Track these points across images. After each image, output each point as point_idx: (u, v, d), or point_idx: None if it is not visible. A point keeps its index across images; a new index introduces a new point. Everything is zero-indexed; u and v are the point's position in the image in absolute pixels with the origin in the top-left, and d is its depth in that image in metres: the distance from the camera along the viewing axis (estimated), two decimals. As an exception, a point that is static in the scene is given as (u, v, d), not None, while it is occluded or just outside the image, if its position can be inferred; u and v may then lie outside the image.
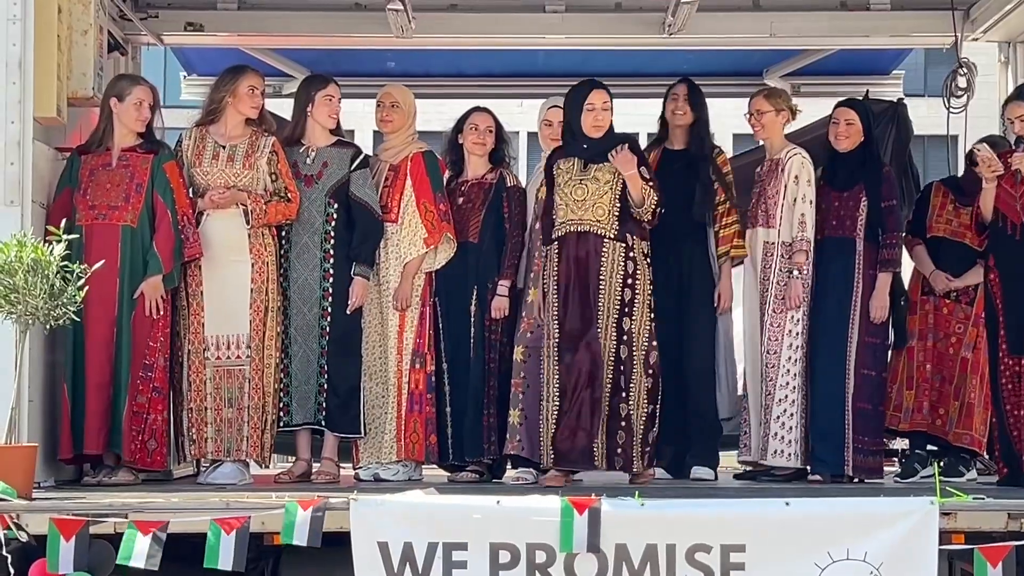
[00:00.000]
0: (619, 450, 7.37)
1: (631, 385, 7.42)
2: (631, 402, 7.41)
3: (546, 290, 7.54)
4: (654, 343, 7.52)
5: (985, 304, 7.91)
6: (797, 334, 8.06)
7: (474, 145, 8.19)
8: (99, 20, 7.93)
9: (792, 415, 8.03)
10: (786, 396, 8.04)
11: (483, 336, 8.01)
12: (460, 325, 8.07)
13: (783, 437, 8.03)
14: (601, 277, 7.42)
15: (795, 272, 8.07)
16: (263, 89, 7.97)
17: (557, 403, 7.39)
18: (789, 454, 8.02)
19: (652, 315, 7.53)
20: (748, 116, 8.33)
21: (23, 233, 6.58)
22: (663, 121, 8.49)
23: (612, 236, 7.45)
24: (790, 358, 8.06)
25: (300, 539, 5.89)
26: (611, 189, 7.47)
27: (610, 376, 7.38)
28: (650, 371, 7.48)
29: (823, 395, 8.05)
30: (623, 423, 7.38)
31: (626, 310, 7.44)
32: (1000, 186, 7.74)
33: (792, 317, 8.05)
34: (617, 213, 7.46)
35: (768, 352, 8.08)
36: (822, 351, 8.06)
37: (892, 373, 8.50)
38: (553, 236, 7.54)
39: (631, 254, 7.47)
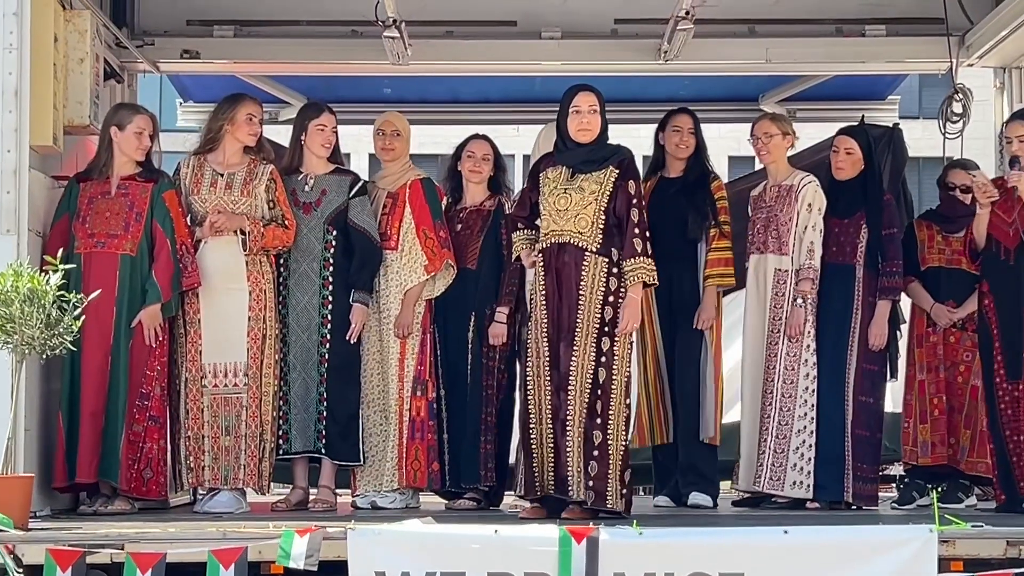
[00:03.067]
0: (591, 482, 6.90)
1: (610, 412, 6.98)
2: (609, 431, 6.96)
3: (534, 306, 7.24)
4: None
5: (979, 330, 7.89)
6: (813, 364, 8.05)
7: (471, 173, 8.19)
8: (95, 48, 7.95)
9: (811, 446, 7.99)
10: (804, 427, 8.00)
11: (481, 363, 7.99)
12: (458, 352, 8.05)
13: (802, 468, 7.99)
14: (581, 292, 7.03)
15: (799, 300, 8.06)
16: (261, 117, 7.99)
17: (551, 426, 7.04)
18: (808, 485, 7.98)
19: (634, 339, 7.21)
20: (754, 140, 8.30)
21: (19, 262, 6.57)
22: (659, 149, 8.46)
23: (594, 250, 7.06)
24: (807, 388, 8.03)
25: (297, 563, 5.87)
26: (596, 200, 7.07)
27: (585, 400, 6.97)
28: (628, 399, 7.13)
29: (823, 421, 8.03)
30: (596, 451, 6.94)
31: (606, 330, 7.01)
32: (993, 212, 7.74)
33: (807, 347, 8.03)
34: (602, 226, 7.06)
35: (785, 382, 8.03)
36: (822, 378, 8.05)
37: (906, 408, 8.50)
38: (537, 248, 7.23)
39: (615, 270, 7.07)
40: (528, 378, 7.20)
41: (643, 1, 9.23)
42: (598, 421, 7.00)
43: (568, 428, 6.99)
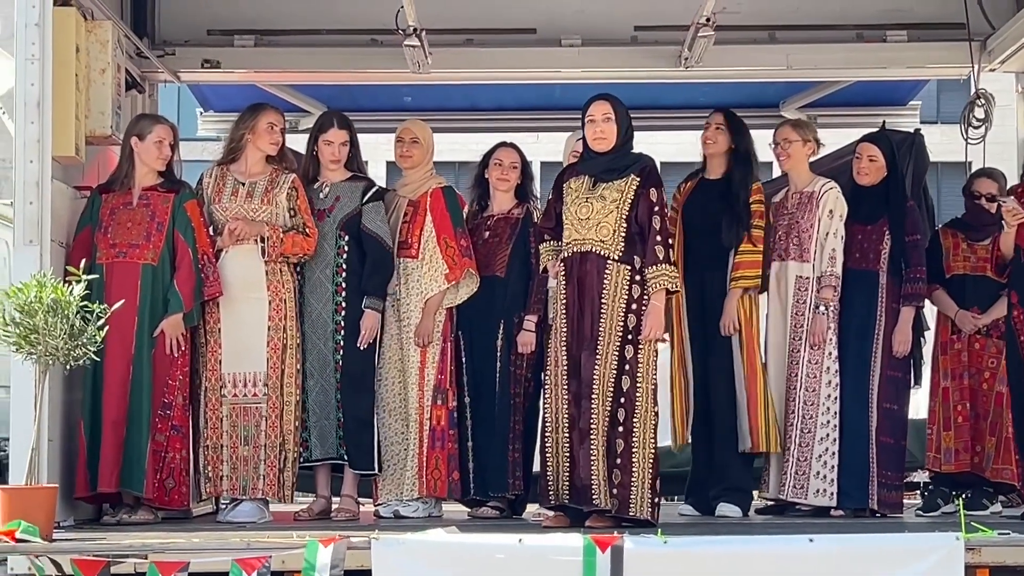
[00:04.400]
0: (615, 491, 6.94)
1: (634, 420, 7.02)
2: (634, 439, 7.01)
3: (554, 315, 7.27)
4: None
5: (1008, 340, 7.80)
6: (835, 372, 8.02)
7: (499, 180, 8.17)
8: (117, 59, 7.96)
9: (834, 454, 7.96)
10: (827, 435, 7.97)
11: (508, 371, 7.96)
12: (485, 359, 8.02)
13: (824, 476, 7.97)
14: (603, 300, 7.05)
15: (821, 307, 8.04)
16: (283, 126, 8.00)
17: (567, 435, 7.05)
18: (832, 493, 7.96)
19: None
20: (774, 146, 8.30)
21: (43, 273, 6.57)
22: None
23: (616, 258, 7.09)
24: (829, 396, 8.01)
25: (322, 573, 5.86)
26: (617, 208, 7.12)
27: (608, 408, 6.99)
28: (657, 407, 7.14)
29: (848, 429, 8.00)
30: (619, 460, 6.97)
31: (629, 337, 7.04)
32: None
33: (830, 354, 8.00)
34: (623, 234, 7.11)
35: (807, 390, 8.01)
36: (846, 385, 8.03)
37: (930, 415, 8.47)
38: (560, 257, 7.27)
39: (637, 278, 7.11)
40: (547, 387, 7.21)
41: (663, 8, 9.21)
42: (620, 430, 7.01)
43: (592, 437, 6.97)
